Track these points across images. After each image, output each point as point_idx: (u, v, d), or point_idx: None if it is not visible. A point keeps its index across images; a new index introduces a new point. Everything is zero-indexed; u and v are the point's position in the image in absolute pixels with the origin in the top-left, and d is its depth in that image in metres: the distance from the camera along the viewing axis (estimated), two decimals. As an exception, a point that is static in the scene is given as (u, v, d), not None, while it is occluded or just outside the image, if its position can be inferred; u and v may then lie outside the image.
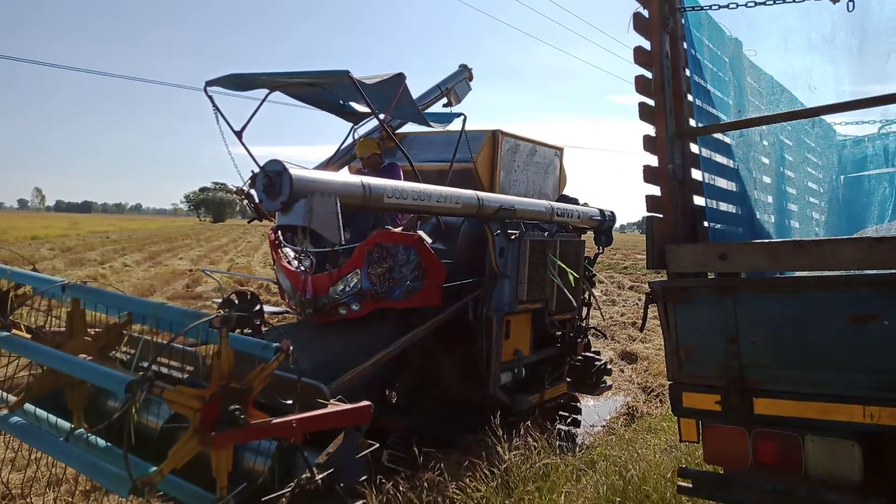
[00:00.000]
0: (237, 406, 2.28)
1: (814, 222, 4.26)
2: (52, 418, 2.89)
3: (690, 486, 2.56)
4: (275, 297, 10.32)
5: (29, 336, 3.54)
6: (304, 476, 2.53)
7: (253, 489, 2.46)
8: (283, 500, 2.48)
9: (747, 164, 3.07)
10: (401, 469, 3.91)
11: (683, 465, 3.00)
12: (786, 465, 2.31)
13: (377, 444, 2.96)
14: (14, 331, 3.35)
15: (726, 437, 2.42)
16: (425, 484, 3.43)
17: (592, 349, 5.92)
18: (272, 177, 3.21)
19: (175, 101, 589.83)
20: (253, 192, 4.57)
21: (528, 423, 4.30)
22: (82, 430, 2.79)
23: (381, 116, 4.57)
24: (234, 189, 4.74)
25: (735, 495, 2.49)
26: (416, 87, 5.05)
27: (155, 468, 2.23)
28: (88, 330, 3.30)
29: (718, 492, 2.58)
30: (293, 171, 3.21)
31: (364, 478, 2.86)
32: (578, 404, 5.88)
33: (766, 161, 3.55)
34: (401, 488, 3.32)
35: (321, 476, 2.55)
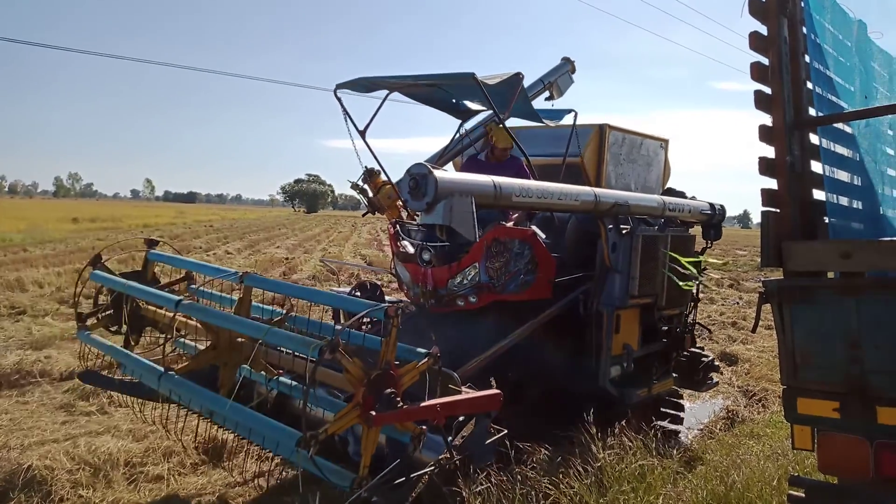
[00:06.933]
0: (393, 390, 2.50)
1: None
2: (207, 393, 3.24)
3: (803, 495, 2.43)
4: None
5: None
6: (443, 456, 2.76)
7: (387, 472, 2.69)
8: (424, 479, 2.72)
9: (874, 155, 2.86)
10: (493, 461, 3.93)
11: (794, 474, 2.85)
12: (914, 480, 2.15)
13: (506, 431, 3.14)
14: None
15: (845, 447, 2.28)
16: (518, 477, 3.42)
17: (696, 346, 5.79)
18: (418, 179, 3.39)
19: (272, 95, 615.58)
20: (366, 186, 4.94)
21: (633, 418, 4.30)
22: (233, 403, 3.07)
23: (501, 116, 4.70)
24: (350, 183, 5.00)
25: (853, 509, 2.35)
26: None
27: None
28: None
29: (834, 503, 2.43)
30: (437, 173, 3.39)
31: (491, 462, 3.08)
32: (682, 401, 5.80)
33: (892, 152, 3.29)
34: (493, 480, 3.33)
35: (459, 458, 2.78)
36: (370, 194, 4.94)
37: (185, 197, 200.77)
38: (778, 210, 2.44)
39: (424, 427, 2.63)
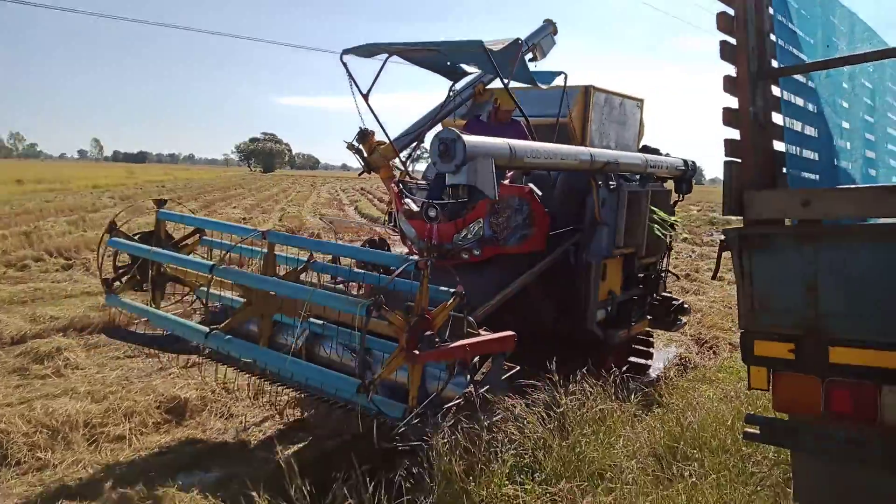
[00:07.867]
0: (430, 332, 2.93)
1: (893, 170, 4.06)
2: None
3: (758, 432, 2.55)
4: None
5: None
6: (468, 390, 3.18)
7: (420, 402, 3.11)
8: (454, 407, 3.16)
9: (834, 107, 2.92)
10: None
11: (747, 412, 2.98)
12: (860, 414, 2.27)
13: (518, 368, 3.53)
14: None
15: (799, 386, 2.39)
16: (484, 424, 3.50)
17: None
18: (448, 143, 3.64)
19: (225, 50, 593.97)
20: (361, 146, 5.11)
21: (612, 355, 4.92)
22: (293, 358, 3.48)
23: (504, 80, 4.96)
24: (346, 144, 5.18)
25: (804, 443, 2.47)
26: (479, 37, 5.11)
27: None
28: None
29: (787, 439, 2.56)
30: (466, 138, 3.65)
31: (507, 393, 3.51)
32: (651, 339, 6.28)
33: (847, 105, 3.38)
34: (460, 427, 3.40)
35: (482, 391, 3.22)
36: (365, 154, 5.07)
37: (136, 157, 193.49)
38: (740, 160, 2.49)
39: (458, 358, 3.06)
